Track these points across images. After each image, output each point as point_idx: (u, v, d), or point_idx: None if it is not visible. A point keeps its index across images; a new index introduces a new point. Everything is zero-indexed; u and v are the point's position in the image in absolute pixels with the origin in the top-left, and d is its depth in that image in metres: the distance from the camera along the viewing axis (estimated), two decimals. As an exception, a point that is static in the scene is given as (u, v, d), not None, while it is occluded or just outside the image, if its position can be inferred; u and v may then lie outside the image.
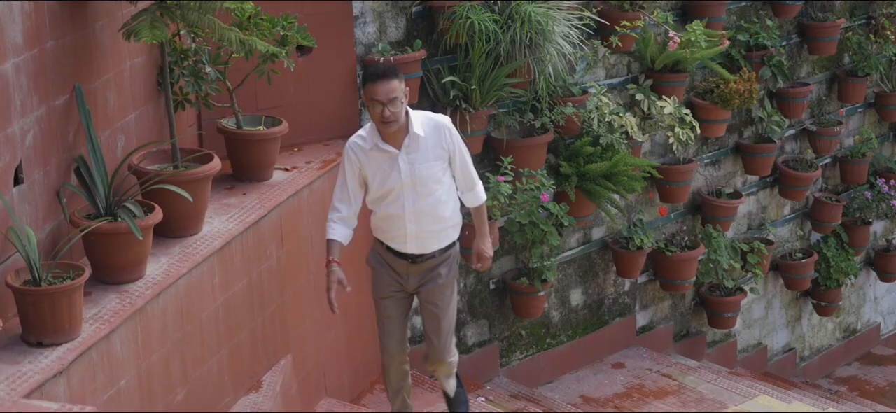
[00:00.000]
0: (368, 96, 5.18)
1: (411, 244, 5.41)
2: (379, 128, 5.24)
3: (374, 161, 5.30)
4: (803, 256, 9.70)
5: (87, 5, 4.95)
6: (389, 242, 5.46)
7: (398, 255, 5.46)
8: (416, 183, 5.30)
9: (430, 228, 5.40)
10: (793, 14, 9.09)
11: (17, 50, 4.44)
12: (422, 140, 5.28)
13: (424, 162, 5.29)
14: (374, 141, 5.28)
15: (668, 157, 8.44)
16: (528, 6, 6.87)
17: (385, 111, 5.14)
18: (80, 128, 4.91)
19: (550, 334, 8.14)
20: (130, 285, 4.78)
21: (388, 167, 5.28)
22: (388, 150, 5.27)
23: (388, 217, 5.38)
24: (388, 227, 5.42)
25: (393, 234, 5.42)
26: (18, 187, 4.50)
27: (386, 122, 5.17)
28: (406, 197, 5.31)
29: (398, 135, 5.26)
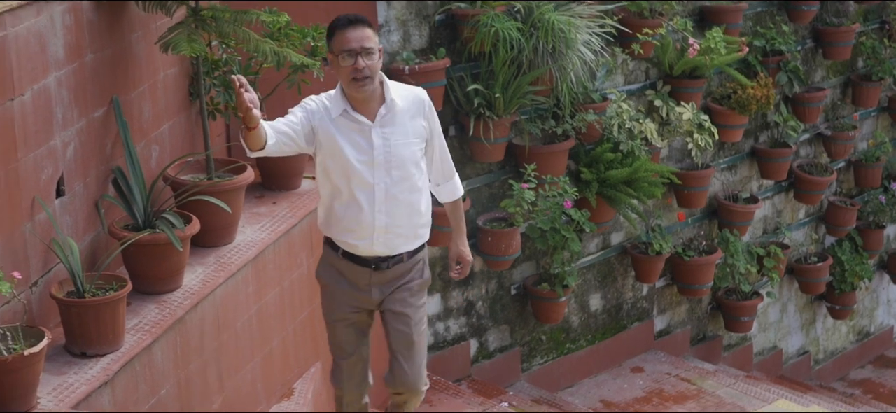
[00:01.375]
0: (338, 48, 4.39)
1: (378, 242, 4.56)
2: (350, 90, 4.43)
3: (340, 131, 4.45)
4: (818, 260, 9.74)
5: (124, 17, 5.00)
6: (347, 242, 4.59)
7: (357, 261, 4.61)
8: (390, 162, 4.49)
9: (402, 222, 4.57)
10: (808, 19, 9.14)
11: (58, 64, 4.50)
12: (400, 111, 4.50)
13: (402, 137, 4.51)
14: (342, 107, 4.46)
15: (686, 162, 8.49)
16: (551, 14, 6.92)
17: (358, 62, 4.35)
18: (117, 139, 4.96)
19: (570, 339, 8.19)
20: (169, 295, 4.83)
21: (354, 142, 4.46)
22: (360, 121, 4.46)
23: (349, 205, 4.52)
24: (349, 220, 4.53)
25: (354, 229, 4.55)
26: (60, 199, 4.55)
27: (360, 78, 4.36)
28: (377, 179, 4.48)
29: (372, 103, 4.48)
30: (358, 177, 4.48)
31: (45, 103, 4.40)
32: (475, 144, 7.07)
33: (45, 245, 4.43)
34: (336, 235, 4.63)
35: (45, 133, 4.41)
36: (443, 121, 6.95)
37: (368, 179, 4.48)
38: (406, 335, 4.71)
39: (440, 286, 7.34)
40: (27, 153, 4.29)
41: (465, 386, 7.46)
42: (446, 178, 4.82)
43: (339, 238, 4.62)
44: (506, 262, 7.37)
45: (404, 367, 4.75)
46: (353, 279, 4.66)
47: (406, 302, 4.70)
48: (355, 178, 4.48)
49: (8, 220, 4.18)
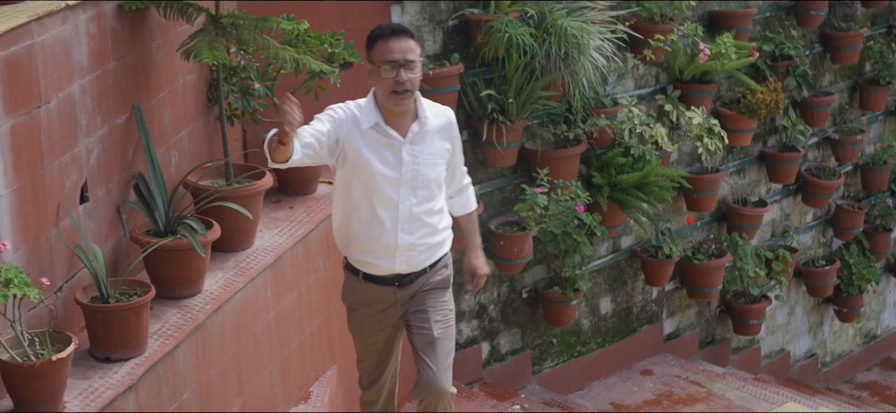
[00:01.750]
0: (379, 58, 4.28)
1: (399, 260, 4.50)
2: (388, 103, 4.31)
3: (368, 144, 4.35)
4: (826, 263, 9.80)
5: (145, 25, 5.05)
6: (365, 261, 4.51)
7: (380, 281, 4.55)
8: (417, 181, 4.42)
9: (424, 240, 4.52)
10: (816, 24, 9.20)
11: (82, 71, 4.55)
12: (431, 130, 4.43)
13: (431, 157, 4.44)
14: (375, 119, 4.35)
15: (695, 166, 8.54)
16: (564, 20, 6.97)
17: (401, 74, 4.25)
18: (138, 145, 5.01)
19: (581, 342, 8.24)
20: (190, 300, 4.87)
21: (383, 157, 4.37)
22: (391, 136, 4.37)
23: (370, 223, 4.42)
24: (369, 238, 4.45)
25: (374, 248, 4.47)
26: (84, 205, 4.60)
27: (401, 91, 4.27)
28: (402, 197, 4.40)
29: (405, 118, 4.38)
30: (382, 194, 4.38)
31: (70, 111, 4.45)
32: (488, 149, 7.12)
33: (70, 250, 4.48)
34: (354, 255, 4.56)
35: (69, 140, 4.46)
36: (456, 125, 7.08)
37: (393, 197, 4.39)
38: (426, 332, 4.57)
39: (453, 289, 7.37)
40: (53, 160, 4.34)
41: (477, 388, 7.52)
42: (459, 189, 4.76)
43: (358, 257, 4.55)
44: (518, 265, 7.42)
45: (430, 367, 4.57)
46: (379, 301, 4.60)
47: (424, 300, 4.58)
48: (379, 194, 4.38)
49: (34, 227, 4.23)
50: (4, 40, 3.98)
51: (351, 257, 4.60)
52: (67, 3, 4.38)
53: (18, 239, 4.13)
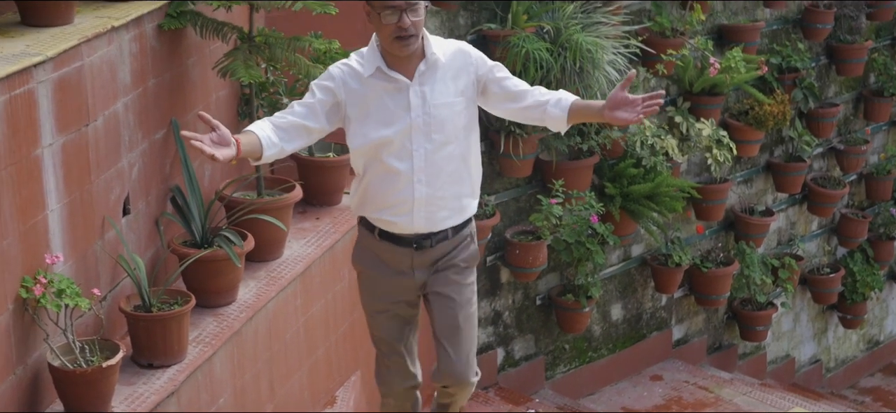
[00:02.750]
0: (380, 3, 3.91)
1: (418, 217, 4.10)
2: (392, 49, 3.96)
3: (371, 93, 4.01)
4: (830, 271, 9.99)
5: (182, 43, 5.25)
6: (383, 219, 4.13)
7: (397, 240, 4.16)
8: (430, 124, 4.02)
9: (445, 193, 4.10)
10: (822, 37, 9.39)
11: (125, 90, 4.75)
12: (441, 67, 4.03)
13: (443, 96, 4.03)
14: (376, 65, 4.01)
15: (704, 176, 8.73)
16: (579, 35, 7.16)
17: (404, 19, 3.88)
18: (175, 159, 5.21)
19: (592, 348, 8.44)
20: (225, 308, 5.07)
21: (392, 102, 4.01)
22: (396, 79, 4.01)
23: (385, 176, 4.06)
24: (385, 192, 4.08)
25: (391, 204, 4.09)
26: (126, 217, 4.80)
27: (404, 36, 3.91)
28: (415, 144, 4.02)
29: (410, 60, 4.01)
30: (394, 143, 4.01)
31: (114, 127, 4.65)
32: (504, 160, 7.32)
33: (113, 261, 4.68)
34: (371, 213, 4.17)
35: (114, 156, 4.66)
36: (474, 137, 7.28)
37: (405, 146, 4.01)
38: (451, 318, 4.21)
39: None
40: (99, 175, 4.54)
41: (492, 393, 7.71)
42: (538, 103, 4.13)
43: (375, 216, 4.16)
44: (532, 273, 7.62)
45: (450, 355, 4.23)
46: (394, 262, 4.19)
47: (450, 281, 4.20)
48: (390, 145, 4.01)
49: (82, 239, 4.43)
50: (57, 62, 4.18)
51: (368, 215, 4.21)
52: (113, 24, 4.58)
53: (68, 251, 4.33)
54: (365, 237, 4.27)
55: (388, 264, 4.23)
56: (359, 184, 4.18)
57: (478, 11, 7.27)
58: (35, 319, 4.11)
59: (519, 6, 7.16)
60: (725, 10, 8.71)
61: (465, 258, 4.25)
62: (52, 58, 4.14)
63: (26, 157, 4.03)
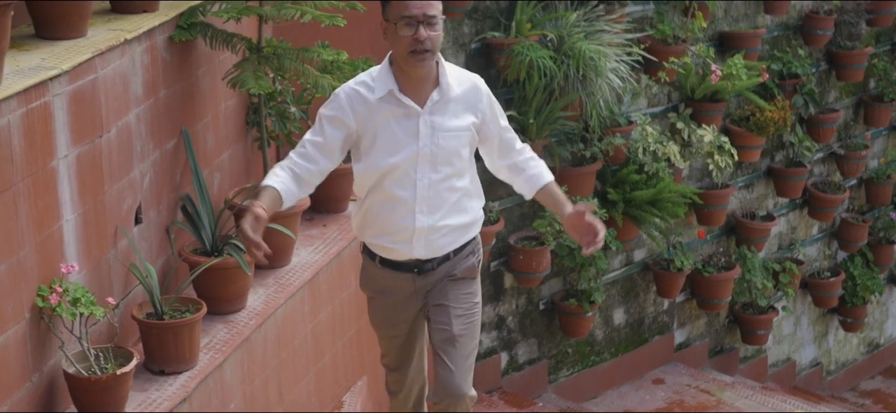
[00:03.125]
0: (395, 15, 3.81)
1: (418, 245, 4.01)
2: (406, 65, 3.85)
3: (379, 118, 3.89)
4: (831, 275, 10.08)
5: (192, 55, 5.33)
6: (381, 245, 4.06)
7: (398, 267, 4.08)
8: (437, 155, 3.93)
9: (446, 222, 4.02)
10: (822, 43, 9.48)
11: (137, 101, 4.83)
12: (454, 99, 3.93)
13: (453, 128, 3.93)
14: (388, 87, 3.88)
15: (706, 181, 8.81)
16: (582, 44, 7.24)
17: (420, 31, 3.78)
18: (185, 168, 5.29)
19: (595, 352, 8.52)
20: (235, 315, 5.15)
21: (400, 129, 3.90)
22: (407, 105, 3.90)
23: (387, 204, 3.97)
24: (386, 219, 3.99)
25: (391, 232, 4.01)
26: (138, 226, 4.88)
27: (420, 50, 3.80)
28: (420, 173, 3.93)
29: (423, 86, 3.91)
30: (398, 170, 3.91)
31: (127, 138, 4.73)
32: (508, 167, 7.39)
33: (125, 269, 4.76)
34: (370, 238, 4.10)
35: (126, 166, 4.74)
36: (478, 144, 7.36)
37: (410, 174, 3.92)
38: (446, 328, 4.09)
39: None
40: (112, 185, 4.62)
41: (496, 397, 7.80)
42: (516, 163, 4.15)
43: (374, 241, 4.09)
44: (536, 278, 7.70)
45: (447, 365, 4.10)
46: (398, 289, 4.13)
47: (447, 293, 4.10)
48: (395, 172, 3.92)
49: (96, 249, 4.51)
50: (72, 75, 4.26)
51: (367, 241, 4.14)
52: (126, 37, 4.66)
53: (82, 260, 4.40)
54: (368, 265, 4.23)
55: (393, 291, 4.16)
56: (360, 207, 4.10)
57: (482, 19, 7.35)
58: (50, 328, 4.19)
59: (523, 14, 7.25)
60: (726, 17, 8.80)
61: (467, 268, 4.15)
62: (68, 71, 4.22)
63: (42, 169, 4.10)
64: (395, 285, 4.15)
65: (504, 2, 7.41)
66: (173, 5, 5.26)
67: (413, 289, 4.14)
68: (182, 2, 5.32)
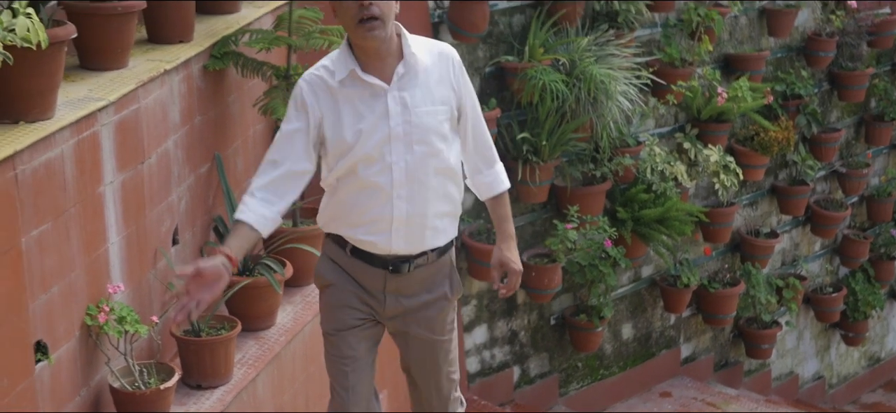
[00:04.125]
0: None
1: (397, 237, 3.63)
2: (355, 37, 3.52)
3: (345, 98, 3.56)
4: (833, 290, 10.31)
5: (224, 82, 5.57)
6: (357, 238, 3.66)
7: (370, 260, 3.68)
8: (411, 134, 3.57)
9: (428, 210, 3.63)
10: (824, 64, 9.71)
11: (175, 128, 5.07)
12: (423, 70, 3.59)
13: (426, 103, 3.58)
14: (349, 68, 3.55)
15: (711, 199, 9.05)
16: (593, 67, 7.48)
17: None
18: (217, 191, 5.54)
19: (604, 365, 8.75)
20: (265, 332, 5.39)
21: (368, 109, 3.55)
22: (372, 83, 3.56)
23: (361, 193, 3.61)
24: (360, 210, 3.61)
25: (367, 222, 3.62)
26: (175, 247, 5.12)
27: (367, 17, 3.45)
28: (395, 156, 3.57)
29: (387, 61, 3.57)
30: (371, 155, 3.56)
31: (166, 164, 4.98)
32: (521, 187, 7.63)
33: (164, 288, 5.00)
34: (344, 231, 3.69)
35: (165, 190, 4.98)
36: (492, 165, 7.61)
37: (385, 158, 3.56)
38: (435, 367, 3.86)
39: (486, 317, 7.90)
40: (152, 209, 4.86)
41: (508, 409, 8.02)
42: (488, 163, 3.85)
43: (349, 234, 3.68)
44: (547, 295, 7.93)
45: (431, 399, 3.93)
46: (364, 281, 3.72)
47: (434, 325, 3.79)
48: (367, 157, 3.56)
49: (138, 269, 4.76)
50: (118, 106, 4.50)
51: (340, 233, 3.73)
52: (165, 67, 4.90)
53: (126, 280, 4.65)
54: (333, 251, 3.76)
55: (358, 281, 3.72)
56: (330, 198, 3.71)
57: (496, 44, 7.60)
58: (97, 344, 4.43)
59: (535, 39, 7.49)
60: (732, 40, 9.04)
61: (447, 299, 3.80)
62: (114, 102, 4.46)
63: (91, 195, 4.35)
64: (362, 277, 3.70)
65: (517, 27, 7.66)
66: (208, 35, 5.50)
67: (382, 286, 3.70)
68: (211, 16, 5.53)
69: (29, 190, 3.91)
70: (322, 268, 3.82)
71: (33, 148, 3.92)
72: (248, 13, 5.96)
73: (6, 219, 3.79)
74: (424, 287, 3.75)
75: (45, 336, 4.09)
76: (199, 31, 5.51)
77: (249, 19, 5.83)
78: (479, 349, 7.90)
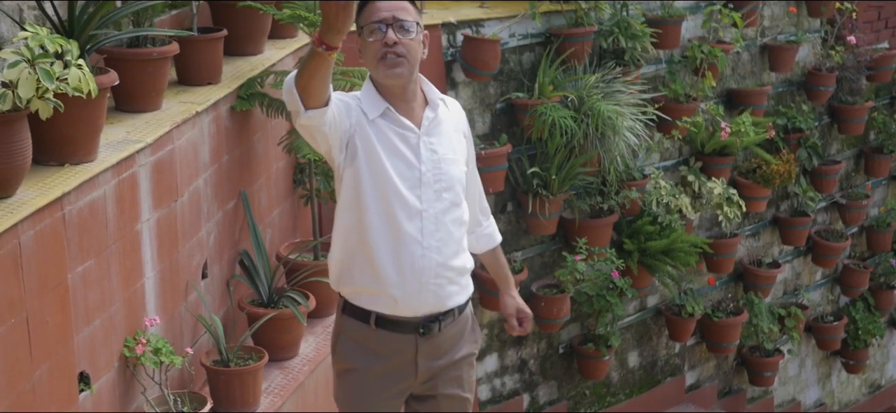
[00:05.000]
0: (364, 19, 3.43)
1: (427, 292, 3.45)
2: (378, 74, 3.44)
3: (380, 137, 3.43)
4: (834, 319, 10.52)
5: (249, 122, 5.81)
6: (382, 294, 3.46)
7: (397, 327, 3.49)
8: (441, 182, 3.49)
9: (454, 262, 3.52)
10: (825, 99, 9.95)
11: (205, 167, 5.31)
12: (444, 119, 3.55)
13: (450, 151, 3.53)
14: (383, 106, 3.45)
15: (715, 230, 9.27)
16: (600, 104, 7.72)
17: (389, 34, 3.37)
18: (243, 226, 5.77)
19: (611, 393, 8.96)
20: (289, 362, 5.62)
21: (398, 151, 3.45)
22: (405, 125, 3.47)
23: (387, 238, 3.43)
24: (388, 259, 3.43)
25: (394, 274, 3.44)
26: (204, 280, 5.35)
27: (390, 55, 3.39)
28: (425, 203, 3.45)
29: (413, 105, 3.50)
30: (402, 197, 3.42)
31: (196, 201, 5.21)
32: (531, 219, 7.86)
33: (194, 320, 5.22)
34: (366, 287, 3.47)
35: (195, 226, 5.21)
36: (502, 198, 7.87)
37: (415, 203, 3.44)
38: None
39: (497, 345, 8.13)
40: (184, 244, 5.09)
41: (518, 436, 8.23)
42: (485, 215, 3.86)
43: (371, 290, 3.47)
44: (556, 324, 8.15)
45: None
46: (393, 356, 3.52)
47: (463, 383, 3.66)
48: (399, 198, 3.42)
49: (170, 302, 4.98)
50: (154, 147, 4.74)
51: (358, 292, 3.52)
52: (197, 109, 5.14)
53: (160, 312, 4.87)
54: (354, 329, 3.54)
55: (387, 359, 3.52)
56: (350, 249, 3.48)
57: (507, 81, 7.84)
58: (134, 375, 4.65)
59: (545, 77, 7.74)
60: (734, 76, 9.29)
61: (473, 352, 3.71)
62: (151, 143, 4.70)
63: (130, 233, 4.58)
64: (388, 350, 3.51)
65: (527, 65, 7.91)
66: (234, 77, 5.74)
67: (414, 355, 3.52)
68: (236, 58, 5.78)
69: (75, 229, 4.14)
70: (343, 349, 3.58)
71: (79, 189, 4.15)
72: (271, 54, 6.20)
73: (55, 256, 4.02)
74: (454, 345, 3.61)
75: (87, 367, 4.31)
76: (226, 72, 5.75)
77: (273, 60, 6.07)
78: (490, 377, 8.12)
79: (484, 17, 7.73)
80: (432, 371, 3.55)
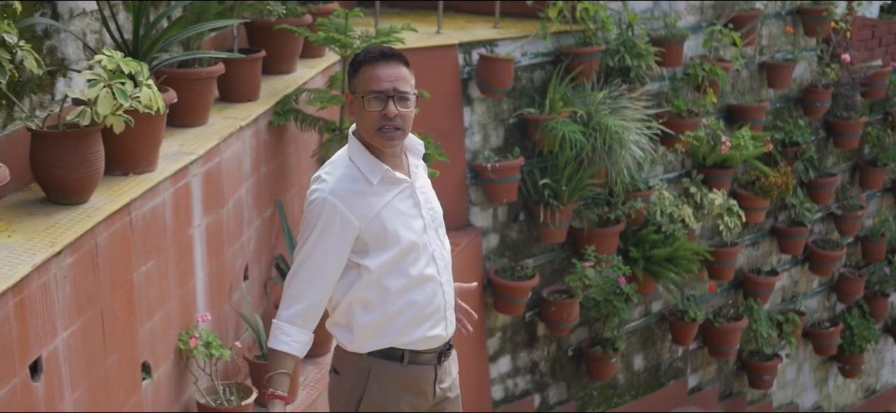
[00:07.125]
0: (363, 87, 3.48)
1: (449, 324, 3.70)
2: (375, 142, 3.51)
3: (380, 200, 3.54)
4: (830, 325, 10.92)
5: (285, 135, 6.27)
6: (421, 336, 3.64)
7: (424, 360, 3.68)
8: (436, 221, 3.69)
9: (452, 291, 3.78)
10: (821, 114, 10.36)
11: (246, 177, 5.76)
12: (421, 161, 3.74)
13: (432, 192, 3.74)
14: (382, 170, 3.54)
15: (716, 239, 9.70)
16: (608, 119, 8.17)
17: (390, 107, 3.44)
18: (279, 232, 6.22)
19: (617, 394, 9.39)
20: (322, 357, 6.06)
21: (404, 206, 3.60)
22: (401, 179, 3.59)
23: (416, 289, 3.60)
24: (421, 305, 3.62)
25: (431, 315, 3.64)
26: (246, 282, 5.80)
27: (389, 128, 3.48)
28: (434, 246, 3.65)
29: (402, 157, 3.64)
30: (419, 247, 3.59)
31: (239, 209, 5.66)
32: (542, 228, 8.30)
33: (237, 317, 5.67)
34: (407, 331, 3.62)
35: (238, 232, 5.66)
36: (515, 208, 8.32)
37: (427, 246, 3.62)
38: None
39: (510, 348, 8.56)
40: (229, 248, 5.54)
41: (530, 434, 8.66)
42: None
43: (410, 338, 3.63)
44: (566, 328, 8.58)
45: None
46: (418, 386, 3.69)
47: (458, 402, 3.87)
48: (416, 249, 3.58)
49: (218, 301, 5.43)
50: (205, 159, 5.19)
51: (397, 336, 3.63)
52: (241, 124, 5.60)
53: (209, 309, 5.32)
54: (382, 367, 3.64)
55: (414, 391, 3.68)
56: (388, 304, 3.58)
57: (519, 98, 8.30)
58: (187, 366, 5.10)
59: (555, 93, 8.19)
60: (734, 92, 9.73)
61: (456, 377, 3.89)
62: (202, 155, 5.15)
63: (184, 237, 5.03)
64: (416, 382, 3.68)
65: (538, 82, 8.37)
66: (270, 94, 6.20)
67: (433, 379, 3.72)
68: (272, 76, 6.23)
69: (140, 232, 4.59)
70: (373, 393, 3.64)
71: (144, 196, 4.60)
72: (303, 73, 6.66)
73: (123, 257, 4.47)
74: (452, 364, 3.82)
75: (148, 358, 4.76)
76: (263, 89, 6.20)
77: (305, 78, 6.52)
78: (502, 378, 8.55)
79: (498, 37, 8.19)
80: (444, 392, 3.76)
